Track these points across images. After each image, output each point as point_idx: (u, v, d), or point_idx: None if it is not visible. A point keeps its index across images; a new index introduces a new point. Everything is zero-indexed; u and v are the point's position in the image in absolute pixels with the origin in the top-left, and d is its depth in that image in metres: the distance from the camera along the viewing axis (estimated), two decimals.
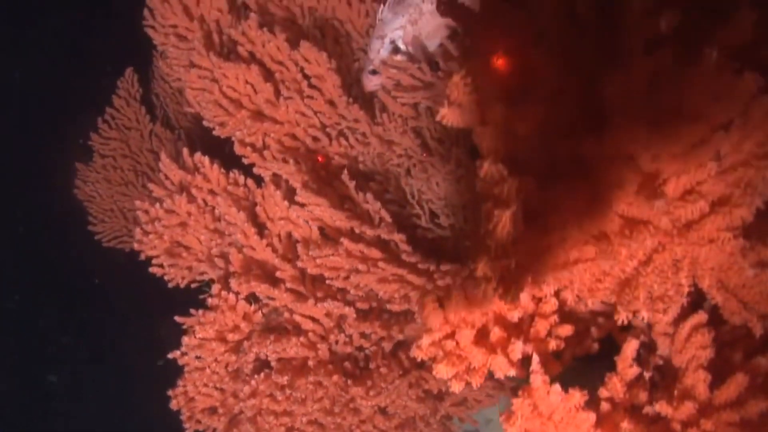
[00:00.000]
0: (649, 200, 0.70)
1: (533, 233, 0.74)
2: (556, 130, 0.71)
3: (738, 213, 0.70)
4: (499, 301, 0.78)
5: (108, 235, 1.99)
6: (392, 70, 1.40)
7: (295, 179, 1.38)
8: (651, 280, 0.84)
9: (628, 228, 0.77)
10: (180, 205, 1.46)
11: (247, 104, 1.47)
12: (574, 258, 0.80)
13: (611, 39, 0.67)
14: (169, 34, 1.55)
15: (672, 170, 0.74)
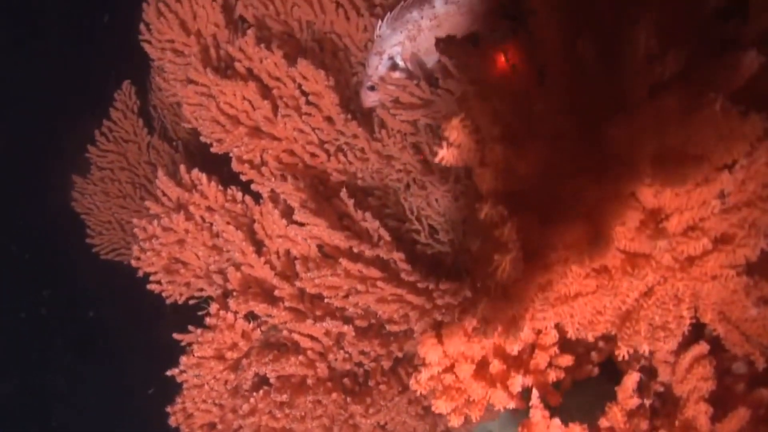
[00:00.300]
0: (651, 240, 0.69)
1: (533, 269, 0.73)
2: (558, 169, 0.70)
3: (742, 253, 0.69)
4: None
5: (106, 247, 1.98)
6: (390, 87, 1.39)
7: (292, 199, 1.37)
8: (652, 312, 0.83)
9: (630, 263, 0.76)
10: (177, 223, 1.45)
11: (245, 121, 1.46)
12: (574, 292, 0.79)
13: (614, 78, 0.66)
14: (166, 49, 1.54)
15: (674, 206, 0.73)
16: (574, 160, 0.69)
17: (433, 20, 1.36)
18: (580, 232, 0.74)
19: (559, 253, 0.75)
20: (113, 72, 2.03)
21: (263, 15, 1.54)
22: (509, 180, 0.68)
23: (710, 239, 0.71)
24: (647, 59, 0.62)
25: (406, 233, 1.60)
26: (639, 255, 0.76)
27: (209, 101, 1.44)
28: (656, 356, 0.96)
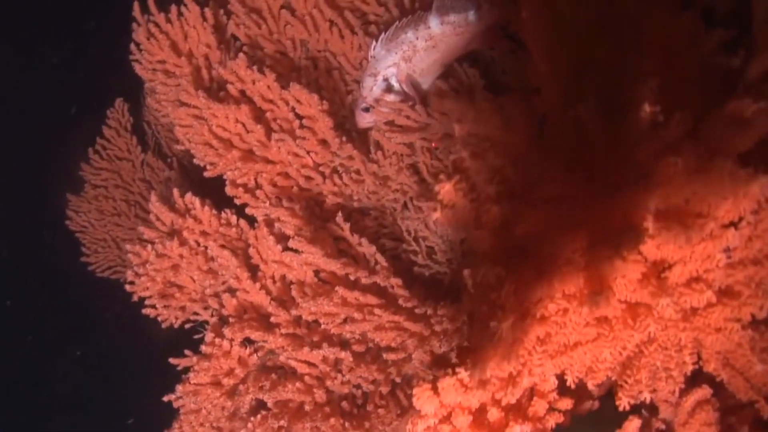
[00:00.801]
0: (653, 297, 0.67)
1: (531, 323, 0.70)
2: (557, 226, 0.67)
3: (747, 311, 0.67)
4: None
5: (102, 265, 1.96)
6: (385, 109, 1.36)
7: (287, 227, 1.35)
8: (654, 358, 0.81)
9: (631, 314, 0.73)
10: (171, 249, 1.43)
11: (238, 144, 1.44)
12: (574, 341, 0.77)
13: (616, 140, 0.64)
14: (157, 70, 1.51)
15: (677, 257, 0.70)
16: (575, 217, 0.67)
17: (428, 41, 1.33)
18: (579, 282, 0.71)
19: (558, 303, 0.73)
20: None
21: (256, 35, 1.51)
22: (506, 240, 0.66)
23: (714, 292, 0.69)
24: (651, 126, 0.59)
25: (404, 253, 1.58)
26: (640, 304, 0.74)
27: (201, 124, 1.42)
28: (658, 395, 0.94)
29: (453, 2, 1.31)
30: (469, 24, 1.31)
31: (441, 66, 1.37)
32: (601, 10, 0.72)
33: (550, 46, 0.69)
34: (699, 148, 0.59)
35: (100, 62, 2.37)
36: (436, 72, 1.38)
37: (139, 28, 1.51)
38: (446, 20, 1.32)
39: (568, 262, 0.68)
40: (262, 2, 1.50)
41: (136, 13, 1.52)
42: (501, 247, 0.66)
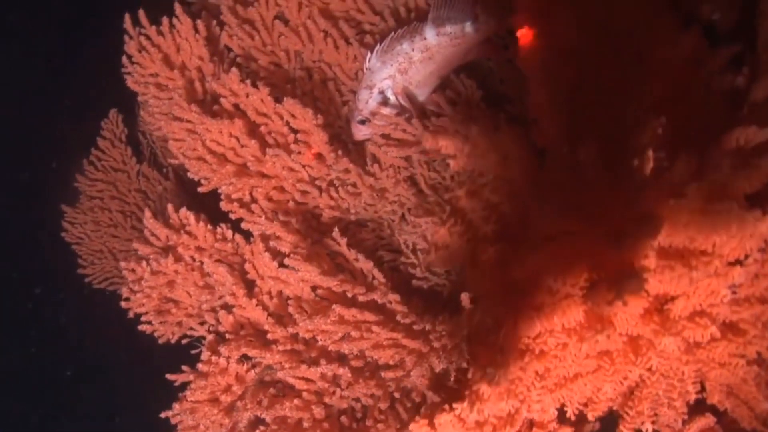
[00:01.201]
0: (656, 335, 0.65)
1: (530, 360, 0.68)
2: (557, 265, 0.65)
3: (753, 349, 0.65)
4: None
5: (99, 276, 1.95)
6: (381, 123, 1.34)
7: (283, 244, 1.33)
8: (656, 387, 0.79)
9: (632, 347, 0.71)
10: (166, 266, 1.41)
11: (233, 158, 1.41)
12: (573, 373, 0.75)
13: (619, 184, 0.61)
14: (149, 83, 1.48)
15: (681, 290, 0.68)
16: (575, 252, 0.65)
17: (424, 52, 1.31)
18: (579, 316, 0.69)
19: (557, 338, 0.71)
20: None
21: (249, 46, 1.48)
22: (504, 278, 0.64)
23: (719, 327, 0.67)
24: (656, 171, 0.57)
25: (402, 265, 1.56)
26: (642, 337, 0.72)
27: (195, 139, 1.39)
28: (660, 420, 0.92)
29: (449, 13, 1.29)
30: (465, 35, 1.29)
31: (438, 77, 1.35)
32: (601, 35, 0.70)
33: (547, 78, 0.67)
34: (704, 190, 0.57)
35: (94, 65, 2.33)
36: (432, 83, 1.35)
37: (130, 41, 1.48)
38: (442, 31, 1.29)
39: (567, 296, 0.66)
40: (254, 13, 1.47)
41: (127, 25, 1.50)
42: (498, 285, 0.64)
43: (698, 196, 0.56)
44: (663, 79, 0.71)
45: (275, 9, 1.47)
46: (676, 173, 0.56)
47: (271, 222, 1.42)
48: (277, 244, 1.33)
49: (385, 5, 1.49)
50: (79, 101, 2.24)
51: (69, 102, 2.28)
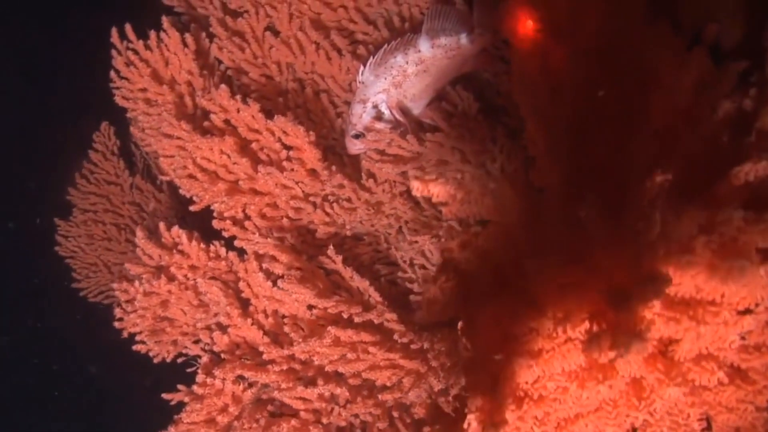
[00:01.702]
0: (660, 384, 0.62)
1: (529, 406, 0.66)
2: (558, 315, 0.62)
3: (763, 398, 0.62)
4: None
5: (94, 290, 1.92)
6: (376, 137, 1.30)
7: (277, 266, 1.30)
8: (660, 427, 0.76)
9: (635, 391, 0.68)
10: (159, 287, 1.38)
11: (224, 176, 1.38)
12: (574, 414, 0.72)
13: (623, 242, 0.58)
14: (138, 99, 1.45)
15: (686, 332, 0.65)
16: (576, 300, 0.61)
17: (419, 65, 1.27)
18: (580, 361, 0.66)
19: (557, 381, 0.68)
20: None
21: (239, 59, 1.44)
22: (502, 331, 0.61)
23: (726, 371, 0.64)
24: (662, 234, 0.54)
25: (400, 279, 1.53)
26: (645, 379, 0.69)
27: (185, 156, 1.36)
28: None
29: (444, 24, 1.25)
30: (461, 47, 1.25)
31: (433, 90, 1.31)
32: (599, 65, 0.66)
33: (546, 118, 0.63)
34: (714, 245, 0.54)
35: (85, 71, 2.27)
36: (428, 96, 1.32)
37: (118, 57, 1.45)
38: (437, 43, 1.25)
39: (568, 341, 0.63)
40: (244, 24, 1.43)
41: (114, 39, 1.46)
42: (494, 338, 0.62)
43: (707, 251, 0.53)
44: (668, 108, 0.67)
45: (265, 20, 1.43)
46: (683, 229, 0.53)
47: (265, 240, 1.39)
48: (270, 266, 1.30)
49: (378, 14, 1.45)
50: (69, 108, 2.19)
51: (58, 110, 2.23)
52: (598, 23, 0.67)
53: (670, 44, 0.73)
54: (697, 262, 0.54)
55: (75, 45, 1.81)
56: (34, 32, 1.81)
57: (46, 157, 2.06)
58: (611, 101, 0.67)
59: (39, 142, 2.22)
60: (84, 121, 1.93)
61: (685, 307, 0.57)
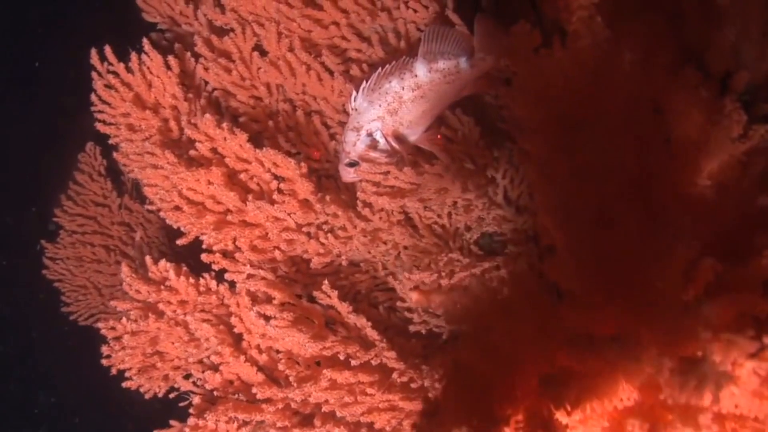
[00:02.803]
0: None
1: None
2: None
3: None
4: None
5: (84, 313, 1.87)
6: (370, 170, 1.23)
7: (268, 308, 1.23)
8: None
9: None
10: (148, 325, 1.32)
11: (212, 207, 1.31)
12: None
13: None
14: (120, 125, 1.37)
15: None
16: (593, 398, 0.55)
17: (415, 90, 1.19)
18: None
19: None
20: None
21: (226, 81, 1.36)
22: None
23: None
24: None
25: (399, 308, 1.47)
26: None
27: (170, 190, 1.29)
28: None
29: (442, 47, 1.17)
30: (460, 71, 1.17)
31: (431, 116, 1.23)
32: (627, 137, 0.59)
33: (564, 203, 0.56)
34: (763, 371, 0.47)
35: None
36: (425, 123, 1.24)
37: (98, 79, 1.37)
38: (435, 67, 1.17)
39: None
40: (230, 44, 1.35)
41: (94, 60, 1.38)
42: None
43: (755, 378, 0.47)
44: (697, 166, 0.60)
45: (253, 40, 1.35)
46: (730, 355, 0.46)
47: (257, 271, 1.33)
48: (261, 309, 1.23)
49: (372, 30, 1.36)
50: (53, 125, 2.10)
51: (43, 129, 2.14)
52: (625, 93, 0.60)
53: (698, 100, 0.66)
54: (745, 388, 0.47)
55: (53, 68, 1.73)
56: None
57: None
58: (637, 177, 0.59)
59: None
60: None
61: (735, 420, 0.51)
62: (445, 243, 1.41)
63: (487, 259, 1.31)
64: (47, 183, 1.78)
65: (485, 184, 1.25)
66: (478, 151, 1.27)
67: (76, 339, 1.81)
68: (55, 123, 1.81)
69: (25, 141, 1.90)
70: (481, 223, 1.33)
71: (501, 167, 1.29)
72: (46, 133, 1.84)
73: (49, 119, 1.83)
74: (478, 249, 1.40)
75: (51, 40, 1.80)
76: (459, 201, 1.31)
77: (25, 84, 1.88)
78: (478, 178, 1.22)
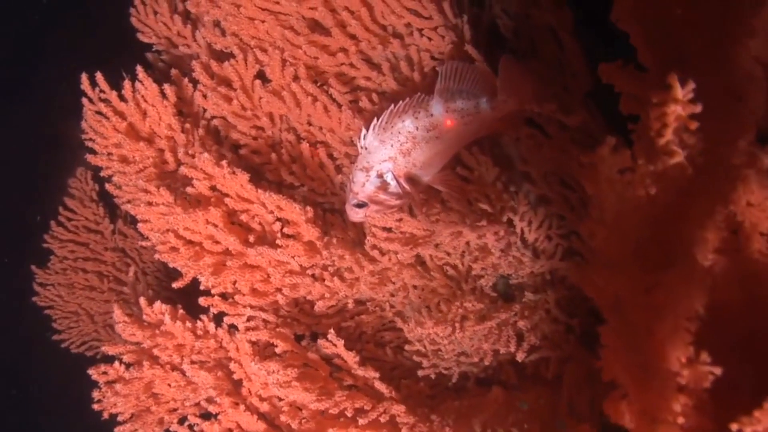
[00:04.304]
0: None
1: None
2: None
3: None
4: None
5: (76, 341, 1.79)
6: (381, 211, 1.14)
7: (269, 366, 1.15)
8: None
9: None
10: (142, 373, 1.24)
11: (211, 248, 1.23)
12: None
13: None
14: (113, 156, 1.29)
15: None
16: None
17: (431, 131, 1.10)
18: None
19: None
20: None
21: (226, 110, 1.28)
22: None
23: None
24: None
25: (407, 352, 1.39)
26: None
27: (166, 228, 1.21)
28: None
29: (460, 85, 1.08)
30: (480, 113, 1.09)
31: (446, 157, 1.15)
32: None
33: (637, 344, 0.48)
34: None
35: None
36: (440, 163, 1.15)
37: (89, 107, 1.28)
38: (452, 107, 1.09)
39: None
40: (231, 72, 1.26)
41: (85, 86, 1.29)
42: None
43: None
44: None
45: (255, 67, 1.26)
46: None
47: (257, 316, 1.25)
48: (262, 367, 1.15)
49: (384, 58, 1.28)
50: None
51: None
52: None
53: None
54: None
55: (46, 92, 1.63)
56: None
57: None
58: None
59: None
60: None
61: None
62: (457, 284, 1.34)
63: (503, 308, 1.23)
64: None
65: (504, 232, 1.17)
66: (496, 192, 1.19)
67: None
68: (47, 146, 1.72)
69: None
70: (496, 268, 1.25)
71: (519, 209, 1.21)
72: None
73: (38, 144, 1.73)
74: (492, 290, 1.33)
75: (41, 59, 1.70)
76: (473, 242, 1.24)
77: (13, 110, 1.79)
78: (494, 221, 1.14)
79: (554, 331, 1.29)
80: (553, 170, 1.11)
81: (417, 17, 1.20)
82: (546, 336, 1.27)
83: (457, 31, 1.21)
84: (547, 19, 1.23)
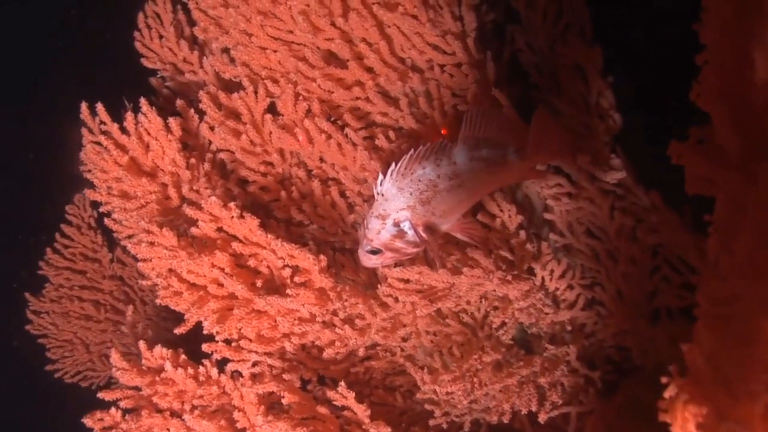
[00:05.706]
0: None
1: None
2: None
3: None
4: None
5: (71, 371, 1.72)
6: (396, 259, 1.08)
7: (276, 425, 1.09)
8: None
9: None
10: (141, 423, 1.18)
11: (216, 292, 1.16)
12: None
13: None
14: (113, 191, 1.22)
15: None
16: None
17: (453, 180, 1.03)
18: None
19: None
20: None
21: (234, 145, 1.21)
22: None
23: None
24: None
25: (419, 400, 1.33)
26: None
27: (168, 270, 1.14)
28: None
29: (486, 132, 1.01)
30: (507, 162, 1.02)
31: (468, 205, 1.08)
32: None
33: None
34: None
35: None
36: (461, 211, 1.09)
37: (89, 139, 1.21)
38: (477, 156, 1.02)
39: None
40: (241, 105, 1.19)
41: (85, 116, 1.22)
42: None
43: None
44: None
45: (266, 101, 1.19)
46: None
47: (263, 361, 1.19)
48: (272, 428, 1.09)
49: (402, 92, 1.21)
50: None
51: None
52: None
53: None
54: None
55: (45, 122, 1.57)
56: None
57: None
58: None
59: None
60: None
61: None
62: (473, 331, 1.28)
63: (523, 361, 1.17)
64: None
65: (526, 287, 1.10)
66: (519, 241, 1.13)
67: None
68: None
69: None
70: (516, 318, 1.19)
71: (542, 258, 1.15)
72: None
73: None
74: (510, 339, 1.27)
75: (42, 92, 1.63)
76: (492, 293, 1.18)
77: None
78: (520, 284, 1.08)
79: (574, 385, 1.23)
80: (579, 220, 1.05)
81: (440, 53, 1.13)
82: (566, 390, 1.22)
83: (481, 68, 1.15)
84: (574, 56, 1.17)
